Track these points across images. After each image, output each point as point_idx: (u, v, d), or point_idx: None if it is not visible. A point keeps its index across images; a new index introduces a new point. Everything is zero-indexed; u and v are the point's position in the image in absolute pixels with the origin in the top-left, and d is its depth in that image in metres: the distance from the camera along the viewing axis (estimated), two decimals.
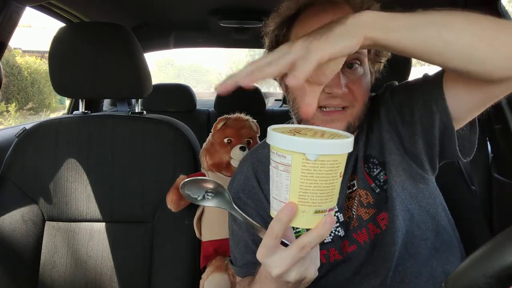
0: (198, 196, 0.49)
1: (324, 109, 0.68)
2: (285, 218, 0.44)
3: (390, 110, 0.72)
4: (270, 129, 0.46)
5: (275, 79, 0.80)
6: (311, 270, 0.51)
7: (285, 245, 0.49)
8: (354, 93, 0.67)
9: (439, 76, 0.64)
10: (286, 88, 0.76)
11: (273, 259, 0.48)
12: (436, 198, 0.76)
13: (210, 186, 0.50)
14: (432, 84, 0.65)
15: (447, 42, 0.48)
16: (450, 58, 0.50)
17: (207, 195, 0.50)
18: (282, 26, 0.73)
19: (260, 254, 0.48)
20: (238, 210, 0.52)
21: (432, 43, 0.48)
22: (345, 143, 0.44)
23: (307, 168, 0.43)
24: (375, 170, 0.73)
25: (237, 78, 0.44)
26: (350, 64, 0.67)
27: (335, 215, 0.74)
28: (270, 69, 0.44)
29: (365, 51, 0.69)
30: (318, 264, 0.53)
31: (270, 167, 0.47)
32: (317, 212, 0.45)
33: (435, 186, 0.77)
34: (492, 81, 0.53)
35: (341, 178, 0.46)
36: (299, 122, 0.74)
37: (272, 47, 0.76)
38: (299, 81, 0.43)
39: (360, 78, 0.68)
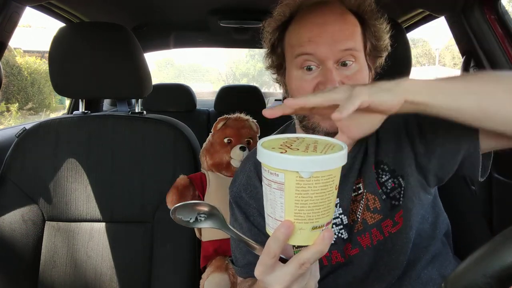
0: (190, 219, 0.48)
1: None
2: (281, 237, 0.43)
3: (409, 122, 0.72)
4: (260, 144, 0.45)
5: (278, 82, 0.80)
6: (311, 284, 0.51)
7: (283, 260, 0.47)
8: None
9: None
10: (286, 89, 0.77)
11: (272, 277, 0.47)
12: (436, 206, 0.77)
13: (202, 208, 0.49)
14: None
15: (484, 111, 0.52)
16: (486, 124, 0.55)
17: (200, 217, 0.48)
18: (276, 30, 0.74)
19: (258, 272, 0.47)
20: (233, 229, 0.50)
21: (470, 112, 0.53)
22: (339, 157, 0.42)
23: (302, 185, 0.41)
24: (384, 176, 0.73)
25: (286, 103, 0.51)
26: (343, 62, 0.67)
27: (339, 217, 0.74)
28: (315, 99, 0.52)
29: (360, 46, 0.69)
30: (318, 277, 0.53)
31: (263, 183, 0.45)
32: (314, 228, 0.44)
33: (436, 195, 0.78)
34: None
35: (337, 190, 0.45)
36: (301, 122, 0.74)
37: (270, 52, 0.77)
38: (342, 117, 0.48)
39: (356, 74, 0.68)
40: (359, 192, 0.73)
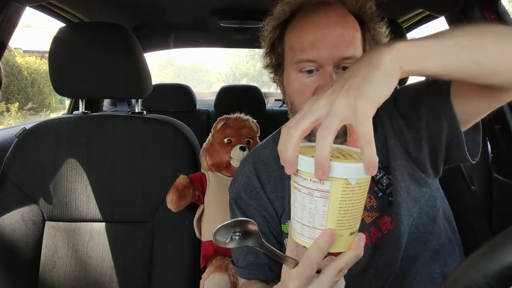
0: (226, 239, 0.46)
1: None
2: (326, 246, 0.43)
3: (393, 115, 0.72)
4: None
5: (274, 82, 0.80)
6: None
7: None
8: None
9: (446, 83, 0.63)
10: (284, 90, 0.76)
11: None
12: (437, 200, 0.76)
13: (238, 226, 0.47)
14: (439, 90, 0.64)
15: (479, 64, 0.48)
16: (481, 77, 0.50)
17: (234, 235, 0.47)
18: (276, 29, 0.74)
19: (294, 286, 0.47)
20: (269, 245, 0.48)
21: (464, 67, 0.48)
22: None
23: (347, 192, 0.42)
24: (378, 174, 0.73)
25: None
26: (344, 66, 0.66)
27: None
28: (326, 139, 0.40)
29: (360, 52, 0.69)
30: (344, 282, 0.53)
31: (298, 192, 0.44)
32: (351, 233, 0.44)
33: (437, 189, 0.77)
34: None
35: None
36: None
37: (269, 50, 0.77)
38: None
39: None
40: None
